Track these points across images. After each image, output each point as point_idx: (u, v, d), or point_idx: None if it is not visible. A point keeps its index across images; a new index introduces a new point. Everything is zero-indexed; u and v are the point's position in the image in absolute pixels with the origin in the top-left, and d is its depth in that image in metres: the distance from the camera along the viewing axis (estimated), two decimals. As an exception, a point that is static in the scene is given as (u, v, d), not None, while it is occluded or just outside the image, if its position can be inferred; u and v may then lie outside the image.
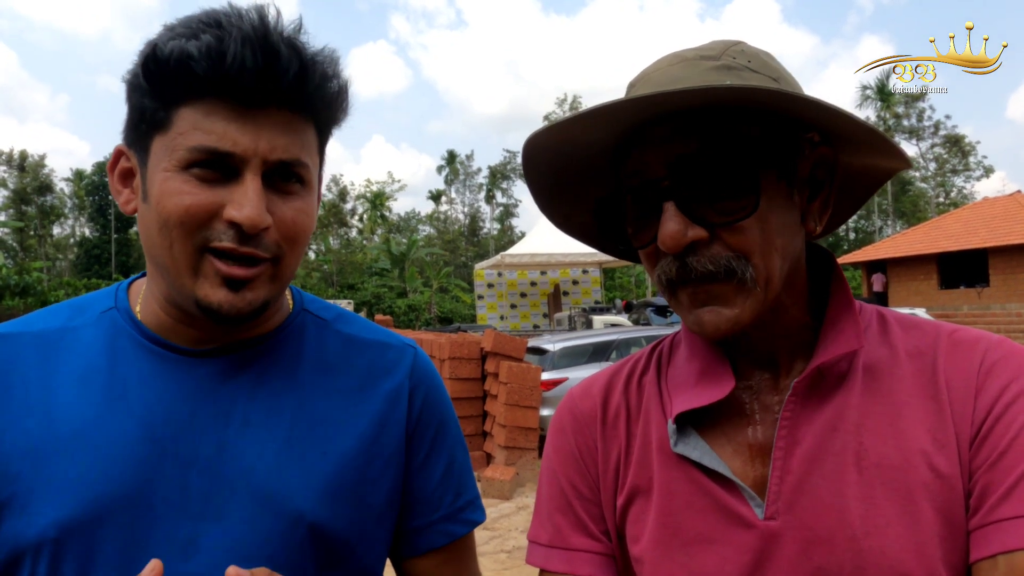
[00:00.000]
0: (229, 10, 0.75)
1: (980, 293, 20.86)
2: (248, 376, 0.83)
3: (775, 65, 0.76)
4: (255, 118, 0.74)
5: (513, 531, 5.88)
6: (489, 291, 26.91)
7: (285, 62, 0.73)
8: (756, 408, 0.78)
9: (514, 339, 7.79)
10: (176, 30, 0.73)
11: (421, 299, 38.85)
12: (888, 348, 0.77)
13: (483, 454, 8.00)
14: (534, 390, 7.31)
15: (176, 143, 0.73)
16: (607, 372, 0.92)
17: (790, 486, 0.72)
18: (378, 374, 0.91)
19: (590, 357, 9.78)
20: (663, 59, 0.77)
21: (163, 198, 0.73)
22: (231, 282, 0.76)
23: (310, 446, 0.83)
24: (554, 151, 0.77)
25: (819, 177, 0.77)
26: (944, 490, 0.68)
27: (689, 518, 0.76)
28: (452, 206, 70.92)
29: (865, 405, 0.73)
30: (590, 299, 26.58)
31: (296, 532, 0.80)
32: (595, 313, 19.57)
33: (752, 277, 0.70)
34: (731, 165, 0.69)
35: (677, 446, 0.77)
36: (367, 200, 58.34)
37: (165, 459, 0.77)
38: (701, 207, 0.70)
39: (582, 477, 0.86)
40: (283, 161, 0.76)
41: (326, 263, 49.83)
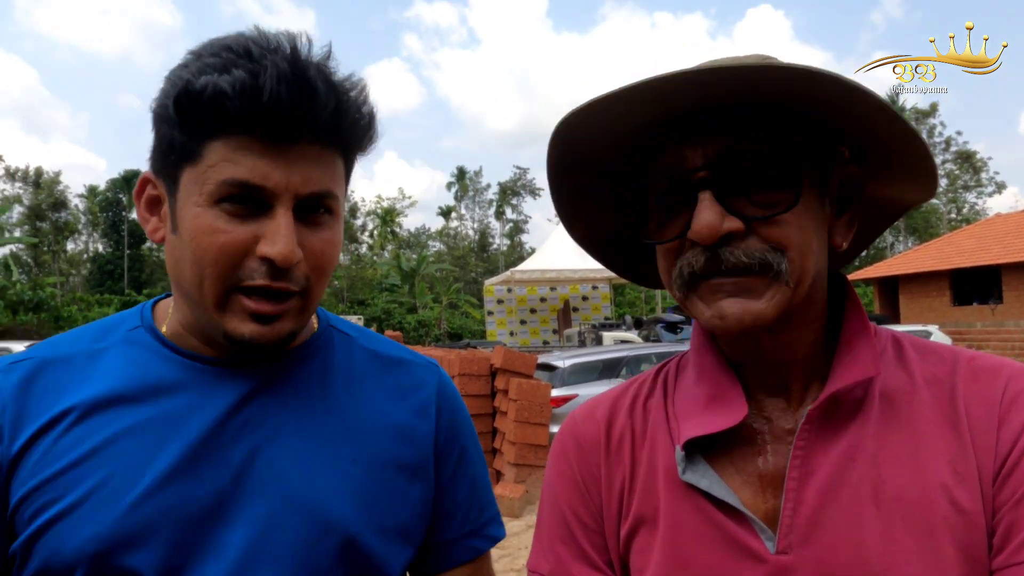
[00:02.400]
0: (258, 37, 0.75)
1: (994, 310, 20.69)
2: (278, 386, 0.84)
3: None
4: (287, 152, 0.74)
5: (523, 549, 5.84)
6: (499, 307, 26.90)
7: (322, 99, 0.74)
8: (767, 436, 0.75)
9: (524, 356, 7.77)
10: (205, 60, 0.73)
11: (431, 315, 38.89)
12: (905, 374, 0.74)
13: (493, 471, 7.97)
14: (544, 407, 7.28)
15: (207, 176, 0.73)
16: (611, 395, 0.89)
17: (804, 519, 0.69)
18: (406, 389, 0.93)
19: (600, 374, 9.74)
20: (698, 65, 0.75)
21: (197, 235, 0.74)
22: (260, 317, 0.77)
23: (341, 454, 0.84)
24: (581, 145, 0.75)
25: (845, 195, 0.76)
26: (965, 527, 0.65)
27: (697, 551, 0.73)
28: (462, 222, 71.14)
29: (882, 435, 0.70)
30: (600, 315, 26.51)
31: (327, 539, 0.80)
32: (605, 329, 19.51)
33: (787, 271, 0.68)
34: (773, 158, 0.68)
35: (685, 474, 0.74)
36: (378, 216, 58.60)
37: (201, 466, 0.77)
38: (738, 199, 0.69)
39: (585, 505, 0.83)
40: (314, 194, 0.76)
41: (336, 279, 49.99)
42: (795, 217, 0.69)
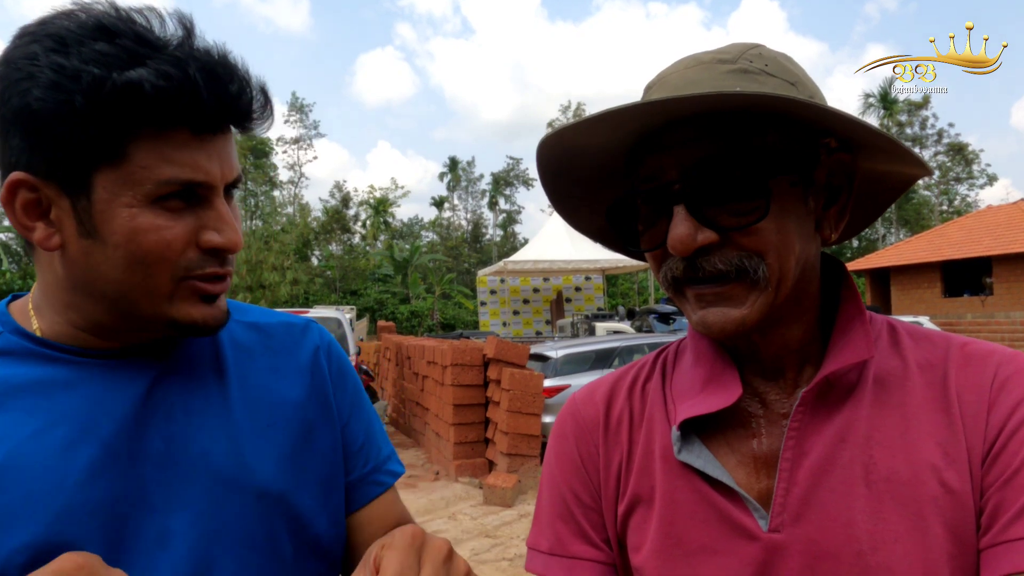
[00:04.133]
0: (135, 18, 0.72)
1: (984, 301, 20.81)
2: (176, 370, 0.84)
3: (793, 68, 0.74)
4: (214, 142, 0.75)
5: (515, 539, 5.86)
6: (492, 297, 26.89)
7: (242, 87, 0.75)
8: (762, 418, 0.77)
9: (516, 346, 7.78)
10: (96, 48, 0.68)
11: (424, 305, 38.87)
12: (899, 359, 0.75)
13: (485, 461, 7.98)
14: (536, 397, 7.30)
15: (141, 176, 0.71)
16: (610, 378, 0.91)
17: (796, 498, 0.71)
18: (292, 348, 0.95)
19: (593, 364, 9.76)
20: (680, 61, 0.76)
21: (137, 235, 0.72)
22: (208, 298, 0.79)
23: (256, 423, 0.86)
24: (568, 154, 0.77)
25: (836, 183, 0.75)
26: (954, 506, 0.67)
27: (691, 528, 0.75)
28: (455, 212, 71.01)
29: (875, 417, 0.72)
30: (593, 306, 26.54)
31: (264, 506, 0.82)
32: (598, 320, 19.54)
33: (765, 275, 0.69)
34: (742, 169, 0.68)
35: (680, 453, 0.76)
36: (370, 206, 58.43)
37: (118, 460, 0.76)
38: (712, 210, 0.69)
39: (583, 484, 0.85)
40: (235, 179, 0.79)
41: (329, 269, 49.86)
42: (771, 222, 0.69)
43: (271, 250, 29.78)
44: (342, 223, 57.78)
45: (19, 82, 0.69)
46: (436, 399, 8.66)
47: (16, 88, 0.69)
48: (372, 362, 15.19)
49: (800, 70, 0.75)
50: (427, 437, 9.45)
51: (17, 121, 0.70)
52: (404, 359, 11.12)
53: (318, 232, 53.14)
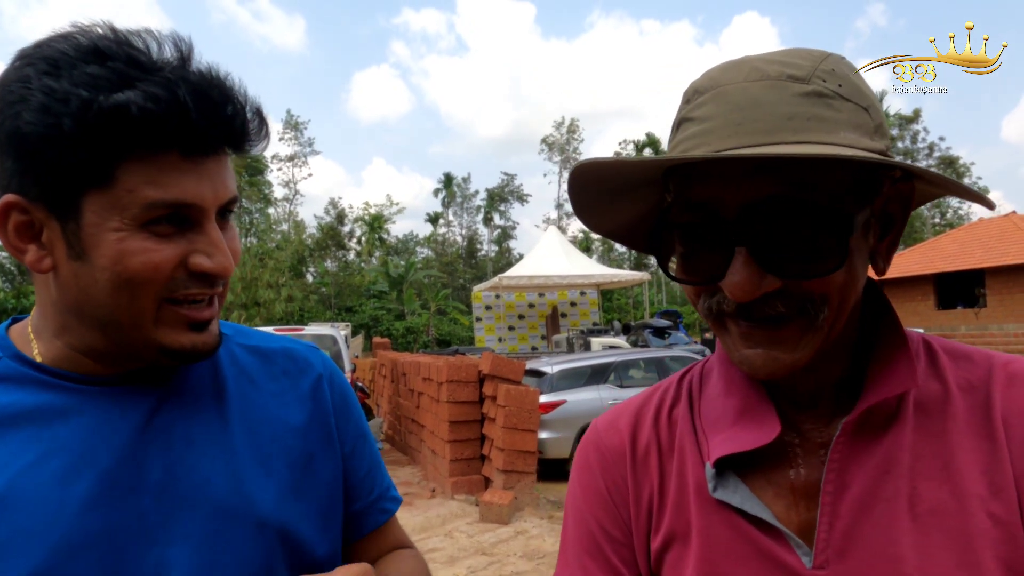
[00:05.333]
0: (130, 40, 0.72)
1: (977, 313, 20.87)
2: (177, 397, 0.83)
3: (864, 88, 0.67)
4: (205, 165, 0.74)
5: (512, 556, 5.83)
6: (487, 313, 26.88)
7: (234, 108, 0.74)
8: (799, 447, 0.73)
9: (512, 362, 7.77)
10: (87, 71, 0.68)
11: (419, 321, 38.80)
12: (939, 382, 0.71)
13: (481, 478, 7.95)
14: (532, 413, 7.28)
15: (128, 200, 0.71)
16: (633, 404, 0.87)
17: (840, 533, 0.67)
18: (295, 375, 0.95)
19: (588, 379, 9.75)
20: (740, 67, 0.66)
21: (124, 258, 0.72)
22: (196, 325, 0.78)
23: (257, 452, 0.85)
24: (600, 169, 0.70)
25: (891, 211, 0.70)
26: (1004, 538, 0.63)
27: (732, 567, 0.71)
28: (450, 228, 71.12)
29: (917, 446, 0.68)
30: (588, 321, 26.54)
31: (264, 537, 0.82)
32: (593, 335, 19.54)
33: (824, 319, 0.65)
34: (819, 214, 0.62)
35: (716, 491, 0.72)
36: (365, 223, 58.46)
37: (115, 489, 0.75)
38: (778, 256, 0.63)
39: (611, 518, 0.81)
40: (229, 200, 0.78)
41: (324, 286, 49.79)
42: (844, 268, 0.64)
43: (266, 267, 29.72)
44: (337, 240, 57.80)
45: (12, 105, 0.69)
46: (432, 416, 8.63)
47: (9, 111, 0.69)
48: (368, 379, 15.15)
49: (866, 86, 0.68)
50: (423, 454, 9.41)
51: (9, 144, 0.70)
52: (400, 376, 11.09)
53: (313, 249, 53.13)
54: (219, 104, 0.72)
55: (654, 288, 57.67)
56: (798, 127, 0.61)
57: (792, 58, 0.66)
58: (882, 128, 0.66)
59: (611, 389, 9.64)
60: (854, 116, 0.64)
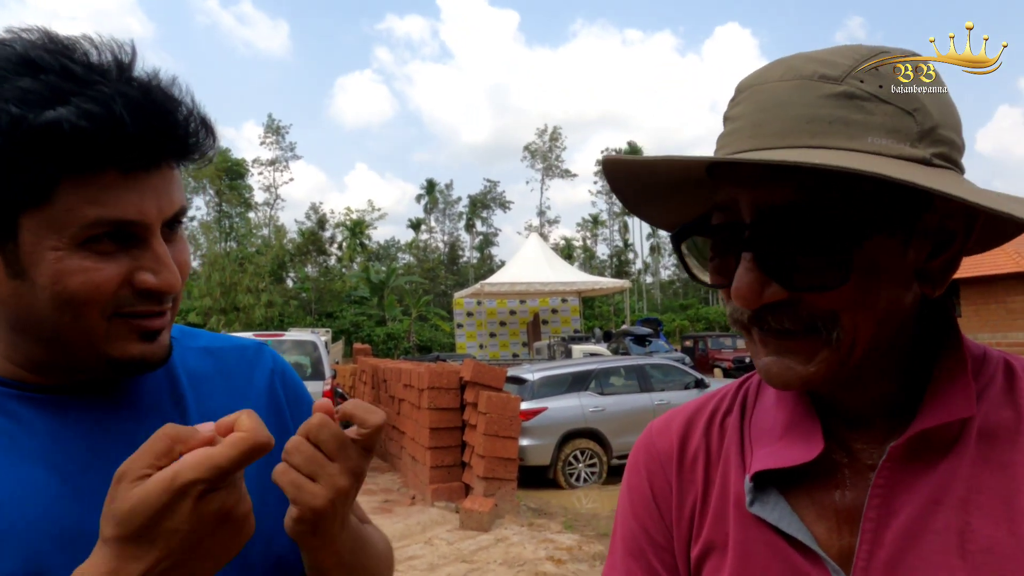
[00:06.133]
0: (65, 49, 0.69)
1: (953, 323, 21.20)
2: (132, 403, 0.82)
3: (916, 88, 0.61)
4: (148, 180, 0.71)
5: (492, 563, 5.81)
6: (468, 320, 26.87)
7: (177, 120, 0.72)
8: (846, 467, 0.69)
9: (493, 368, 7.76)
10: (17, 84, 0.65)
11: (400, 327, 38.70)
12: (1013, 409, 0.65)
13: (461, 485, 7.92)
14: (514, 420, 7.28)
15: (66, 219, 0.68)
16: (689, 408, 0.85)
17: (881, 562, 0.63)
18: (246, 372, 0.95)
19: (569, 387, 9.77)
20: (780, 65, 0.64)
21: (63, 277, 0.69)
22: (147, 335, 0.76)
23: None
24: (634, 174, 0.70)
25: (951, 228, 0.63)
26: None
27: None
28: (432, 235, 71.03)
29: (976, 477, 0.62)
30: (569, 328, 26.62)
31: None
32: (575, 342, 19.58)
33: (838, 337, 0.61)
34: (826, 228, 0.59)
35: (753, 506, 0.69)
36: (347, 228, 58.25)
37: (82, 495, 0.74)
38: (785, 266, 0.60)
39: (655, 523, 0.80)
40: (176, 213, 0.76)
41: (304, 291, 49.49)
42: (854, 281, 0.60)
43: (246, 272, 29.51)
44: (318, 245, 57.51)
45: None
46: (412, 422, 8.60)
47: None
48: (348, 385, 15.06)
49: (929, 86, 0.62)
50: (403, 461, 9.37)
51: None
52: (380, 382, 11.04)
53: (293, 254, 52.80)
54: (158, 116, 0.69)
55: (635, 296, 57.91)
56: (817, 131, 0.58)
57: (836, 56, 0.62)
58: (936, 133, 0.60)
59: (592, 396, 9.67)
60: (892, 120, 0.59)
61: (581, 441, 9.32)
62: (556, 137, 68.22)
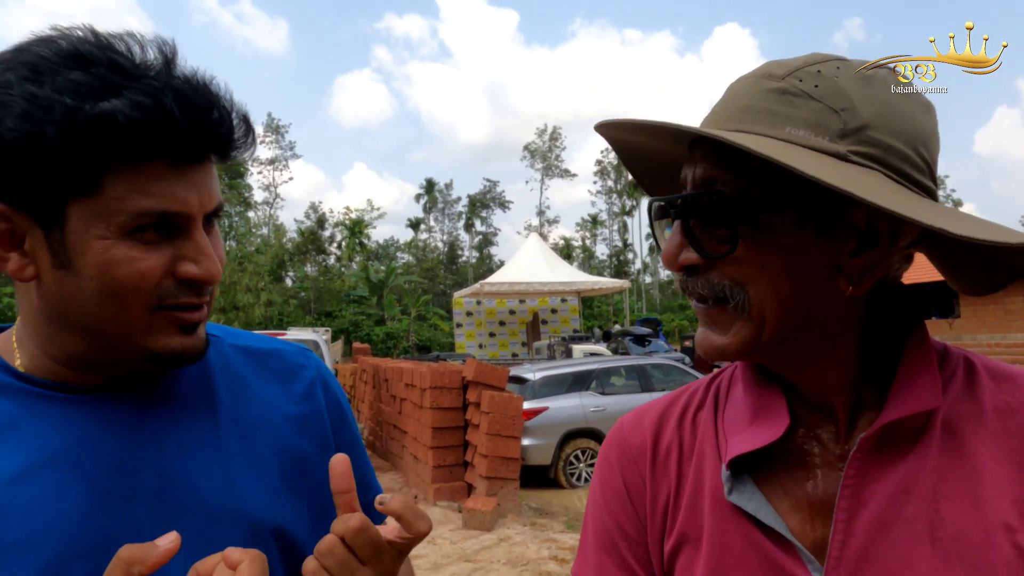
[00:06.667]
0: (113, 45, 0.71)
1: (952, 324, 21.22)
2: (167, 401, 0.83)
3: (853, 93, 0.65)
4: (192, 173, 0.73)
5: (495, 563, 5.83)
6: (468, 319, 26.87)
7: (222, 116, 0.73)
8: (817, 457, 0.71)
9: (496, 368, 7.77)
10: (70, 77, 0.67)
11: (399, 327, 38.67)
12: (973, 403, 0.68)
13: (464, 484, 7.94)
14: (516, 419, 7.29)
15: (114, 208, 0.69)
16: (661, 404, 0.88)
17: (853, 552, 0.65)
18: (286, 376, 0.94)
19: (570, 386, 9.78)
20: (755, 69, 0.72)
21: (110, 267, 0.71)
22: (186, 328, 0.77)
23: (250, 454, 0.85)
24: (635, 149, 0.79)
25: (879, 229, 0.66)
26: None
27: (740, 575, 0.70)
28: (431, 234, 71.00)
29: (943, 468, 0.65)
30: (568, 328, 26.62)
31: (260, 539, 0.81)
32: (575, 342, 19.59)
33: (745, 308, 0.67)
34: (723, 199, 0.66)
35: (731, 495, 0.72)
36: (346, 227, 58.21)
37: (108, 498, 0.75)
38: (703, 234, 0.68)
39: (628, 517, 0.82)
40: (215, 208, 0.78)
41: (304, 290, 49.46)
42: (754, 256, 0.66)
43: (245, 271, 29.47)
44: (317, 244, 57.47)
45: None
46: (414, 422, 8.62)
47: None
48: (348, 384, 15.07)
49: (872, 93, 0.65)
50: (405, 460, 9.38)
51: None
52: (381, 381, 11.05)
53: (293, 253, 52.77)
54: (205, 111, 0.71)
55: (634, 295, 57.87)
56: (746, 118, 0.66)
57: (793, 59, 0.69)
58: (862, 133, 0.63)
59: (593, 396, 9.68)
60: (815, 115, 0.64)
61: (582, 441, 9.33)
62: (556, 137, 68.27)
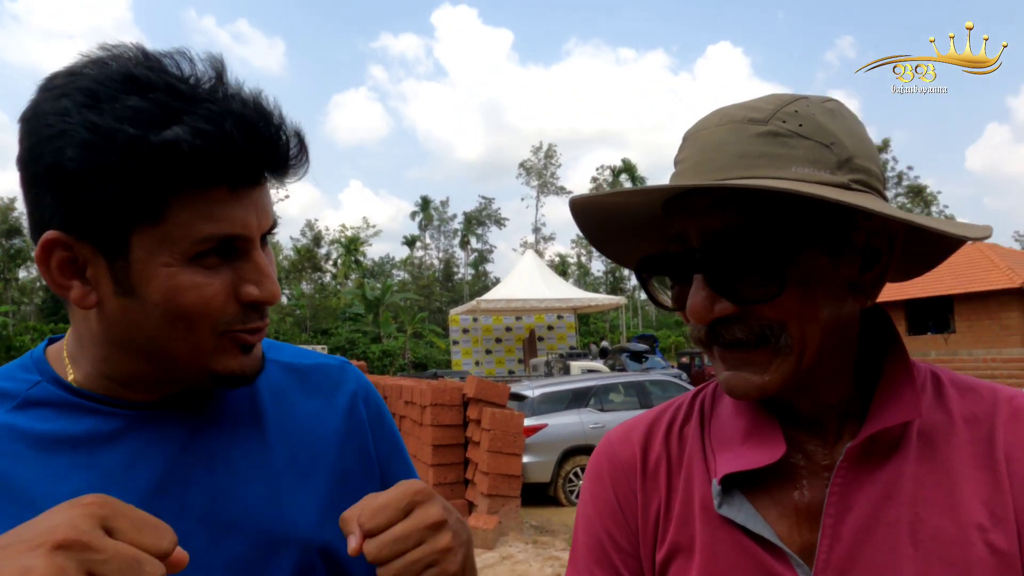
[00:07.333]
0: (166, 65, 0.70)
1: (947, 339, 21.28)
2: (215, 419, 0.83)
3: (833, 126, 0.70)
4: (251, 195, 0.74)
5: (498, 581, 5.80)
6: (464, 336, 26.86)
7: (280, 139, 0.73)
8: (804, 469, 0.75)
9: (497, 385, 7.76)
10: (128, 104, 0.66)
11: (395, 344, 38.60)
12: (944, 413, 0.74)
13: (465, 502, 7.91)
14: (517, 436, 7.28)
15: (178, 235, 0.70)
16: (646, 418, 0.90)
17: (840, 555, 0.69)
18: (330, 391, 0.94)
19: (569, 403, 9.76)
20: (716, 114, 0.73)
21: (176, 294, 0.71)
22: (246, 348, 0.78)
23: (297, 471, 0.85)
24: (605, 210, 0.78)
25: (875, 245, 0.72)
26: (1002, 569, 0.66)
27: None
28: (427, 251, 71.05)
29: (920, 475, 0.70)
30: (565, 344, 26.62)
31: (306, 557, 0.82)
32: (572, 358, 19.58)
33: (787, 344, 0.69)
34: (759, 246, 0.67)
35: (721, 508, 0.75)
36: (342, 245, 58.22)
37: (158, 516, 0.74)
38: (731, 282, 0.68)
39: (620, 529, 0.84)
40: (271, 227, 0.79)
41: (299, 308, 49.39)
42: (794, 292, 0.68)
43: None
44: (313, 262, 57.45)
45: (51, 139, 0.66)
46: (414, 439, 8.59)
47: (48, 145, 0.66)
48: (346, 402, 15.01)
49: (843, 125, 0.71)
50: (404, 478, 9.33)
51: (49, 179, 0.67)
52: (380, 399, 11.01)
53: (289, 271, 52.74)
54: (263, 134, 0.71)
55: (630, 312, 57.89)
56: (748, 164, 0.67)
57: (762, 103, 0.71)
58: (852, 163, 0.68)
59: (592, 413, 9.67)
60: (812, 152, 0.67)
61: (581, 458, 9.30)
62: (551, 154, 68.54)
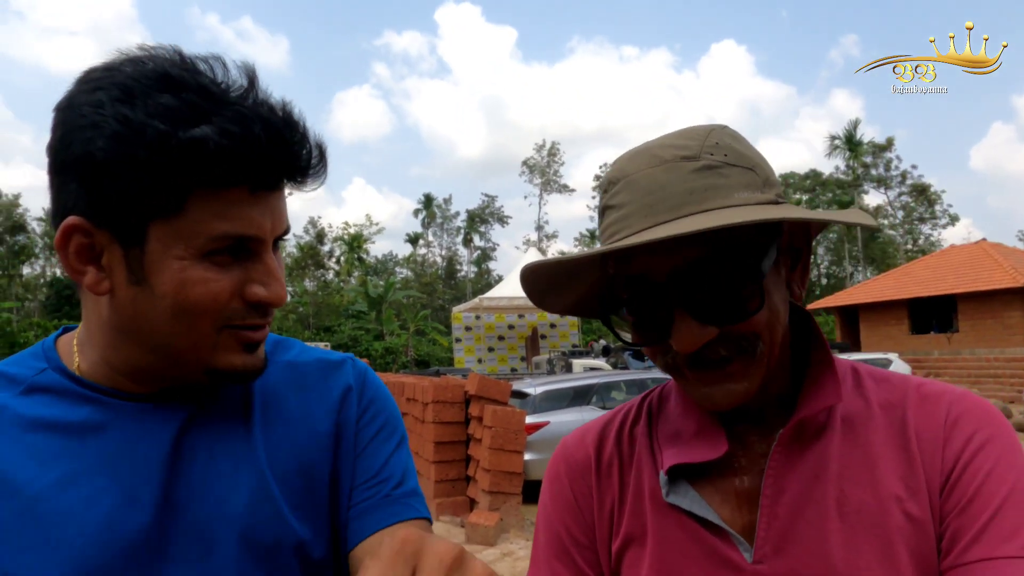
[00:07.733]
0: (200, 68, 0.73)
1: (950, 338, 21.27)
2: (207, 416, 0.84)
3: (747, 151, 0.77)
4: (268, 198, 0.76)
5: (499, 577, 5.83)
6: (467, 334, 26.87)
7: (303, 145, 0.76)
8: (743, 458, 0.83)
9: (499, 382, 7.78)
10: (160, 101, 0.69)
11: (398, 342, 38.62)
12: (862, 400, 0.82)
13: (466, 499, 7.94)
14: (519, 434, 7.30)
15: (194, 231, 0.72)
16: (599, 423, 0.97)
17: (777, 532, 0.77)
18: (322, 388, 0.94)
19: (571, 401, 9.78)
20: (641, 156, 0.77)
21: (185, 287, 0.73)
22: (249, 346, 0.80)
23: (278, 470, 0.85)
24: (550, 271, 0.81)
25: (796, 245, 0.82)
26: (917, 534, 0.74)
27: (682, 564, 0.81)
28: (430, 249, 71.10)
29: (844, 454, 0.78)
30: (567, 343, 26.65)
31: (281, 555, 0.83)
32: (575, 356, 19.60)
33: (762, 351, 0.76)
34: (736, 269, 0.73)
35: (669, 496, 0.82)
36: (344, 242, 58.31)
37: (139, 509, 0.77)
38: (711, 309, 0.73)
39: (578, 524, 0.90)
40: (284, 231, 0.80)
41: (302, 305, 49.46)
42: (768, 303, 0.75)
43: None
44: (316, 259, 57.52)
45: (83, 129, 0.69)
46: (417, 436, 8.62)
47: (79, 135, 0.69)
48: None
49: (750, 148, 0.78)
50: (406, 475, 9.35)
51: (77, 167, 0.70)
52: (383, 396, 11.02)
53: (291, 268, 52.82)
54: (288, 141, 0.73)
55: (632, 310, 57.48)
56: (698, 199, 0.72)
57: (682, 140, 0.76)
58: (770, 180, 0.77)
59: (594, 411, 9.68)
60: (743, 177, 0.74)
61: (584, 455, 9.31)
62: (554, 152, 68.52)
